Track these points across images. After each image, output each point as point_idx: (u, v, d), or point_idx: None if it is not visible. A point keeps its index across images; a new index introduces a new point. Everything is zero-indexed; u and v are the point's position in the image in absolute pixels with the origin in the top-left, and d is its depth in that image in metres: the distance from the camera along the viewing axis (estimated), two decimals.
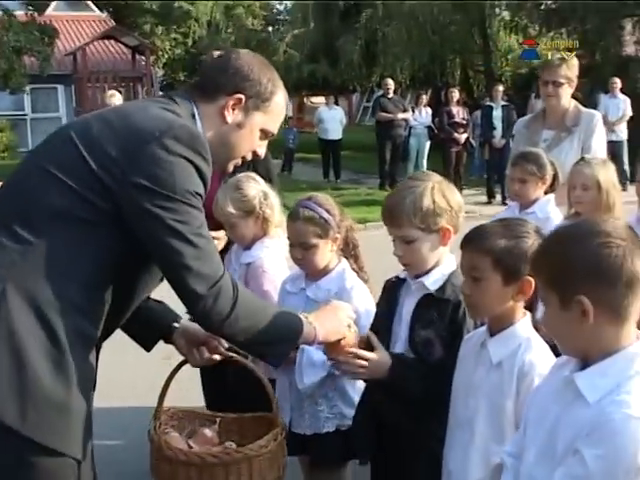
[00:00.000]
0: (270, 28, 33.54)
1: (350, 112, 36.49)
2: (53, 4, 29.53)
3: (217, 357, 2.80)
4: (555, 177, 4.39)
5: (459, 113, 15.14)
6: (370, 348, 2.59)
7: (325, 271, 3.20)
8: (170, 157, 2.19)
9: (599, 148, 4.92)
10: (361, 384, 2.95)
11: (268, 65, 2.53)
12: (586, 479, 1.69)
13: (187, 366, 2.78)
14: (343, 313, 2.61)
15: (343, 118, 19.03)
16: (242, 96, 2.41)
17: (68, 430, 2.17)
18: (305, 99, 34.12)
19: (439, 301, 2.60)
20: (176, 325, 2.70)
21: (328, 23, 26.50)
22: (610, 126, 14.59)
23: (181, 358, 2.78)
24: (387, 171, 16.27)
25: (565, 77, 4.98)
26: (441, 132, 15.47)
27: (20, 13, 19.25)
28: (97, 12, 30.75)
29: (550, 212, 4.32)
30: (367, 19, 24.20)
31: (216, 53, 2.53)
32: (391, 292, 2.82)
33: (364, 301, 3.10)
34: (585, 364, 1.80)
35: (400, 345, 2.69)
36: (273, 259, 3.55)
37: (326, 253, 3.16)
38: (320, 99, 23.04)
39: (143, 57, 25.40)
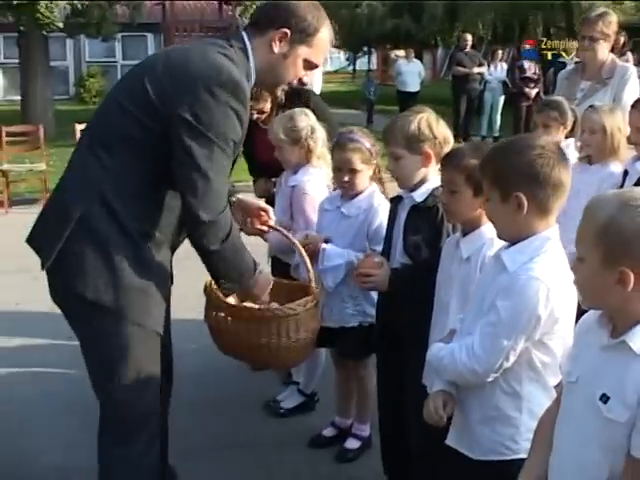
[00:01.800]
0: None
1: (434, 66, 36.43)
2: None
3: (265, 228, 3.43)
4: (575, 123, 4.83)
5: (531, 68, 15.26)
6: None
7: (357, 192, 3.78)
8: (214, 102, 2.61)
9: (630, 99, 5.23)
10: None
11: (316, 5, 2.89)
12: (498, 323, 2.28)
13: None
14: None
15: (422, 71, 19.36)
16: (288, 30, 2.79)
17: (149, 309, 2.76)
18: (390, 52, 34.16)
19: (424, 209, 3.15)
20: (232, 199, 3.20)
21: None
22: None
23: None
24: (461, 124, 16.54)
25: (601, 32, 5.35)
26: (513, 87, 15.65)
27: None
28: None
29: (569, 155, 4.75)
30: None
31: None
32: (392, 208, 3.42)
33: (386, 217, 3.65)
34: (512, 245, 2.35)
35: (398, 251, 3.28)
36: (314, 184, 4.14)
37: (366, 177, 3.75)
38: (402, 52, 23.22)
39: (230, 7, 25.89)
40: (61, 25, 16.38)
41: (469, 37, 16.96)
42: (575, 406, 1.95)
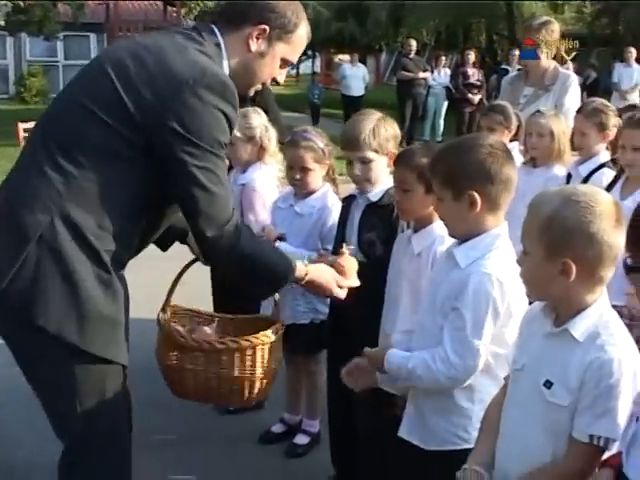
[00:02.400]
0: None
1: (378, 71, 36.73)
2: None
3: None
4: (519, 127, 4.99)
5: (474, 75, 15.54)
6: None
7: (309, 192, 3.85)
8: (202, 106, 2.35)
9: (572, 106, 5.40)
10: None
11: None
12: (464, 326, 2.35)
13: (197, 268, 2.99)
14: (333, 277, 2.84)
15: (366, 76, 19.54)
16: (267, 27, 2.56)
17: (117, 341, 2.46)
18: (334, 57, 34.37)
19: (379, 207, 3.25)
20: None
21: None
22: (622, 94, 15.05)
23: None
24: (407, 129, 16.73)
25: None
26: (456, 92, 15.91)
27: None
28: None
29: (515, 159, 4.91)
30: None
31: None
32: (346, 206, 3.51)
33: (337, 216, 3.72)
34: (463, 242, 2.44)
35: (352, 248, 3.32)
36: (264, 182, 4.22)
37: (319, 176, 3.83)
38: (347, 57, 23.46)
39: (174, 8, 25.80)
40: (2, 23, 16.19)
41: (413, 43, 17.16)
42: (520, 392, 2.06)
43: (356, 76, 18.96)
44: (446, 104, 17.34)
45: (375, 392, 2.75)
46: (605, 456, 1.87)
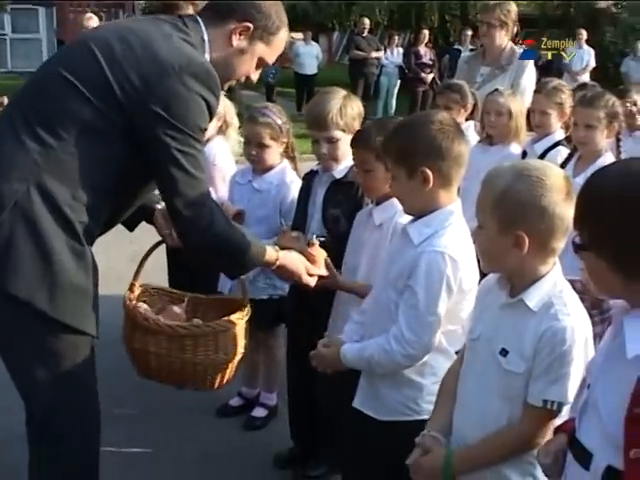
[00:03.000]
0: None
1: (330, 50, 36.62)
2: None
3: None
4: (475, 106, 5.06)
5: (426, 54, 15.61)
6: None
7: (269, 167, 3.88)
8: (187, 93, 2.41)
9: (528, 86, 5.51)
10: None
11: (279, 4, 2.74)
12: (417, 303, 2.39)
13: (155, 255, 3.04)
14: (304, 265, 2.91)
15: (319, 54, 19.40)
16: (251, 25, 2.62)
17: (88, 312, 2.48)
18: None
19: (344, 185, 3.29)
20: (158, 206, 2.96)
21: None
22: (573, 75, 15.28)
23: None
24: None
25: (499, 20, 5.64)
26: (409, 72, 15.96)
27: None
28: None
29: (469, 136, 4.99)
30: None
31: None
32: (307, 182, 3.54)
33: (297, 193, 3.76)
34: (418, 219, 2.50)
35: (315, 224, 3.41)
36: (224, 156, 4.29)
37: (276, 153, 3.87)
38: (300, 35, 23.33)
39: None
40: None
41: (367, 21, 17.17)
42: (477, 361, 2.13)
43: (309, 54, 18.82)
44: (399, 83, 17.32)
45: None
46: (558, 421, 1.96)
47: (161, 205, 2.93)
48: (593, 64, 16.12)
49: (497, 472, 2.06)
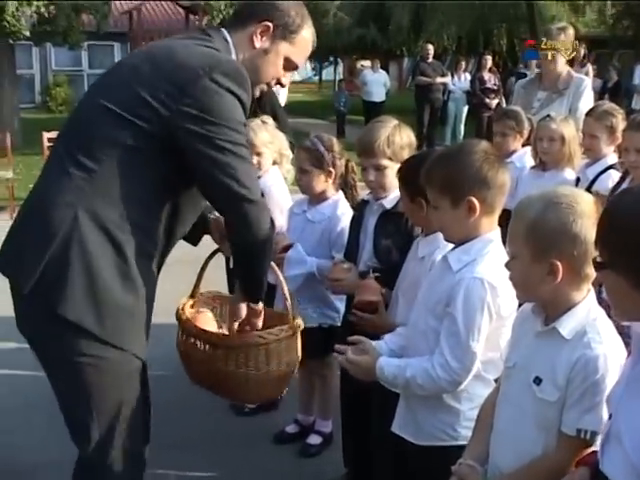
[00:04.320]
0: None
1: (400, 76, 36.76)
2: None
3: None
4: (532, 132, 5.04)
5: (490, 79, 15.54)
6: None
7: (323, 198, 3.94)
8: (220, 90, 2.43)
9: (585, 109, 5.46)
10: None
11: (300, 4, 2.76)
12: (458, 330, 2.40)
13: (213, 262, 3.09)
14: None
15: (387, 81, 19.55)
16: (270, 24, 2.65)
17: (136, 333, 2.50)
18: (356, 63, 34.42)
19: (395, 215, 3.29)
20: (211, 216, 2.95)
21: None
22: None
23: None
24: (425, 134, 16.77)
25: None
26: (473, 97, 15.93)
27: None
28: None
29: (526, 162, 4.99)
30: None
31: None
32: (359, 212, 3.57)
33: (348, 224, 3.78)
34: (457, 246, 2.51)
35: (366, 254, 3.42)
36: (280, 187, 4.35)
37: (319, 181, 3.89)
38: (369, 63, 23.50)
39: (197, 17, 26.00)
40: (28, 33, 16.34)
41: (431, 47, 17.17)
42: (512, 389, 2.13)
43: (377, 82, 19.00)
44: (466, 109, 17.32)
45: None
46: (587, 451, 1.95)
47: (213, 215, 2.95)
48: None
49: None
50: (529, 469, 2.03)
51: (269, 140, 4.37)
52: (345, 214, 3.86)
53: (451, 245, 2.62)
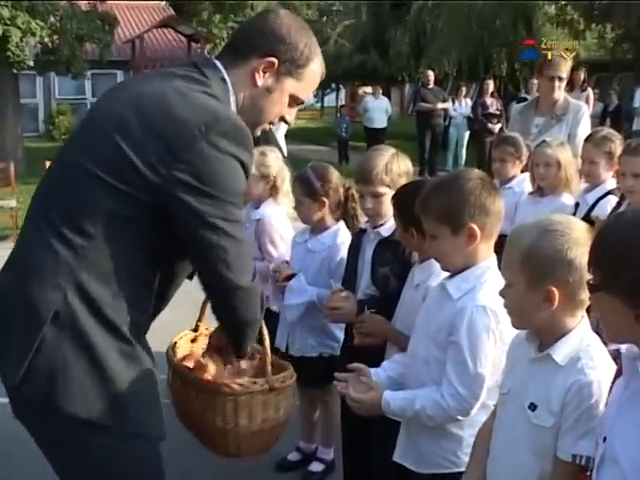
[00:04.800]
0: (324, 18, 34.14)
1: (402, 102, 36.94)
2: None
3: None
4: (529, 158, 5.07)
5: (493, 104, 15.62)
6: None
7: (323, 228, 3.97)
8: (218, 154, 2.12)
9: (583, 135, 5.50)
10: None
11: (307, 29, 2.39)
12: (465, 359, 2.42)
13: None
14: None
15: (389, 108, 19.67)
16: (275, 60, 2.30)
17: (151, 414, 2.25)
18: (358, 89, 34.63)
19: (392, 243, 3.31)
20: None
21: (379, 14, 27.10)
22: None
23: None
24: (427, 160, 16.85)
25: (566, 72, 5.66)
26: (476, 123, 16.00)
27: (83, 1, 20.06)
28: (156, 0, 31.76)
29: (524, 188, 5.02)
30: (416, 11, 24.75)
31: None
32: (357, 240, 3.60)
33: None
34: (452, 275, 2.54)
35: (364, 282, 3.45)
36: (279, 217, 4.35)
37: (312, 211, 3.92)
38: (370, 89, 23.68)
39: (199, 45, 26.23)
40: (32, 63, 16.51)
41: (431, 73, 17.31)
42: (507, 415, 2.15)
43: (378, 108, 19.12)
44: (468, 134, 17.42)
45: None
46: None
47: None
48: None
49: None
50: None
51: (279, 169, 4.39)
52: (344, 243, 3.87)
53: (445, 272, 2.64)
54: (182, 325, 3.11)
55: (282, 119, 2.48)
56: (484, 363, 2.41)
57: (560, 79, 5.64)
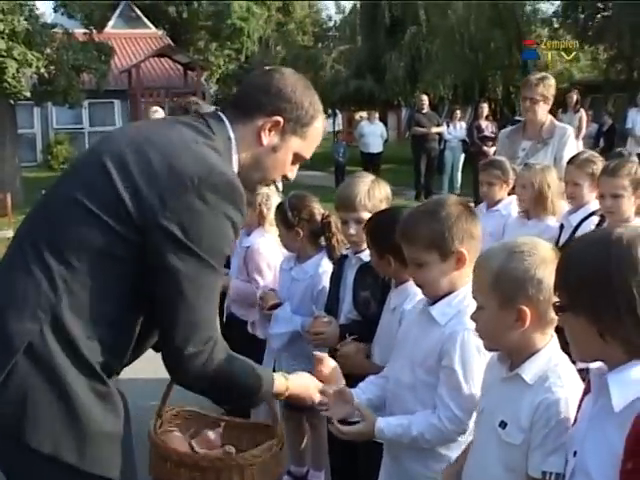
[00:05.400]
0: (319, 44, 34.42)
1: (399, 126, 37.09)
2: (111, 22, 30.87)
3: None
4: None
5: (488, 127, 15.68)
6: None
7: (307, 256, 4.02)
8: (206, 209, 2.09)
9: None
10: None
11: (310, 87, 2.43)
12: (458, 383, 2.47)
13: None
14: (315, 386, 2.61)
15: (384, 132, 19.80)
16: (281, 119, 2.31)
17: (122, 459, 2.18)
18: (355, 114, 34.82)
19: (373, 268, 3.32)
20: None
21: (374, 40, 27.35)
22: (637, 139, 15.20)
23: None
24: (422, 183, 16.92)
25: (541, 95, 5.71)
26: (471, 146, 16.09)
27: (79, 31, 20.25)
28: (153, 29, 31.93)
29: (512, 210, 5.08)
30: (411, 36, 24.99)
31: (268, 69, 2.32)
32: (338, 267, 3.68)
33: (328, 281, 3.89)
34: (435, 301, 2.59)
35: (346, 306, 3.52)
36: (267, 245, 4.42)
37: (290, 239, 4.00)
38: (365, 114, 23.84)
39: (195, 73, 26.42)
40: (28, 94, 16.65)
41: (425, 98, 17.40)
42: (481, 433, 2.21)
43: (374, 133, 19.22)
44: (463, 157, 17.51)
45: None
46: None
47: None
48: None
49: None
50: None
51: (264, 197, 4.45)
52: (326, 272, 3.92)
53: (419, 294, 2.69)
54: None
55: (284, 177, 2.48)
56: (476, 383, 2.45)
57: (532, 101, 5.68)
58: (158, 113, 10.30)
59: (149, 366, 2.48)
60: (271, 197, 4.48)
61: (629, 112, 16.35)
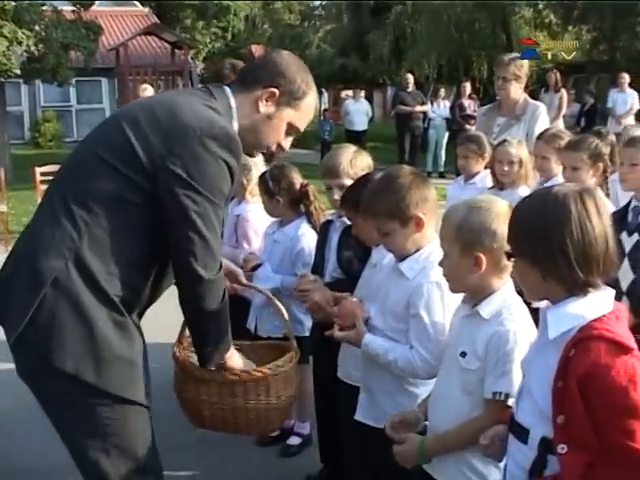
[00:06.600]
0: (306, 23, 34.46)
1: (385, 104, 37.26)
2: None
3: (237, 286, 3.49)
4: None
5: (470, 106, 15.98)
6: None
7: (289, 220, 4.36)
8: (207, 155, 2.45)
9: None
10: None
11: (305, 68, 2.79)
12: (426, 328, 2.78)
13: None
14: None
15: (369, 110, 20.06)
16: (276, 90, 2.67)
17: (136, 381, 2.52)
18: (341, 92, 34.95)
19: None
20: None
21: (360, 19, 27.50)
22: (617, 119, 15.51)
23: None
24: (407, 161, 17.16)
25: (513, 74, 6.02)
26: (454, 124, 16.37)
27: (68, 9, 20.31)
28: (140, 7, 31.97)
29: (487, 183, 5.38)
30: (397, 15, 25.14)
31: (254, 47, 2.76)
32: (324, 230, 3.99)
33: (312, 242, 4.21)
34: (403, 258, 2.91)
35: (331, 265, 3.82)
36: (256, 213, 4.72)
37: (272, 207, 4.35)
38: (351, 92, 23.99)
39: (182, 52, 26.47)
40: (18, 72, 16.77)
41: (410, 77, 17.69)
42: (445, 363, 2.56)
43: (359, 111, 19.50)
44: (447, 135, 17.75)
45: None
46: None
47: None
48: (637, 107, 16.26)
49: (461, 459, 2.47)
50: (458, 429, 2.44)
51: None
52: (305, 235, 4.26)
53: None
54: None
55: (279, 146, 2.83)
56: (443, 329, 2.75)
57: (505, 79, 6.00)
58: (148, 91, 10.47)
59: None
60: (251, 170, 4.74)
61: (610, 92, 16.66)
